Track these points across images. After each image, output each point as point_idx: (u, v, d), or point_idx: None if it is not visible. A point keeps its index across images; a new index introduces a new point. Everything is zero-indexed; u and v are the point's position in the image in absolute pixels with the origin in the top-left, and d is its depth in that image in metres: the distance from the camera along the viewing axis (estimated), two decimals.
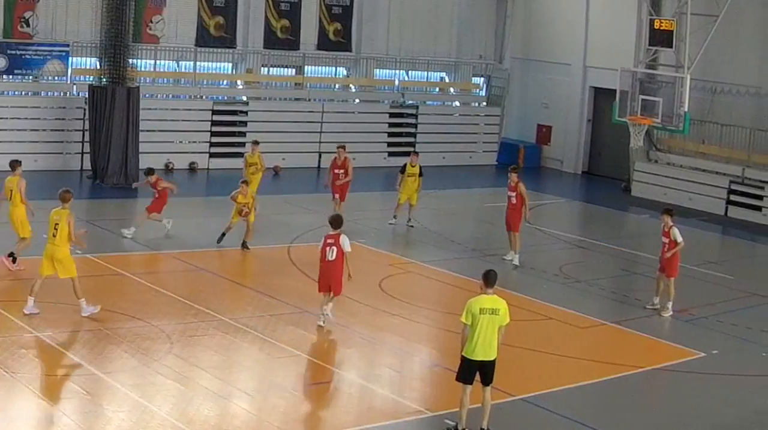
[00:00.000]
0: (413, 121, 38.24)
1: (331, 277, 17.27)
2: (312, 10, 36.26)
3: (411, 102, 38.43)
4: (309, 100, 36.33)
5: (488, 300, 13.04)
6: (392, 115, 38.03)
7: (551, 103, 39.73)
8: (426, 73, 39.53)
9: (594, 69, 37.81)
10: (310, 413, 14.07)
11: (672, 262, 19.94)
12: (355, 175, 26.03)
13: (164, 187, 23.14)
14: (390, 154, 36.91)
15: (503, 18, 40.76)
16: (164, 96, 33.71)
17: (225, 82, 35.90)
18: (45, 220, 19.37)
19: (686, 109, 30.29)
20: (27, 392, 13.62)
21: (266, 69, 35.89)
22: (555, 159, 39.73)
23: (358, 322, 18.00)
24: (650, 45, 31.94)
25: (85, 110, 30.21)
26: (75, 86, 31.59)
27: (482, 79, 40.82)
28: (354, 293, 18.15)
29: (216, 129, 33.85)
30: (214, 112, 33.81)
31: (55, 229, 16.75)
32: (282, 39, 35.63)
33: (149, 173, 23.36)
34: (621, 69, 32.20)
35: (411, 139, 37.83)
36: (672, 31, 30.83)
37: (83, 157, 30.74)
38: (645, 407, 15.07)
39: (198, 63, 34.14)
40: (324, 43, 36.75)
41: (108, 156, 29.11)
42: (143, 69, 32.04)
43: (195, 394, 14.07)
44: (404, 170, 26.12)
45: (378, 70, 38.37)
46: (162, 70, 33.72)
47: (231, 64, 35.44)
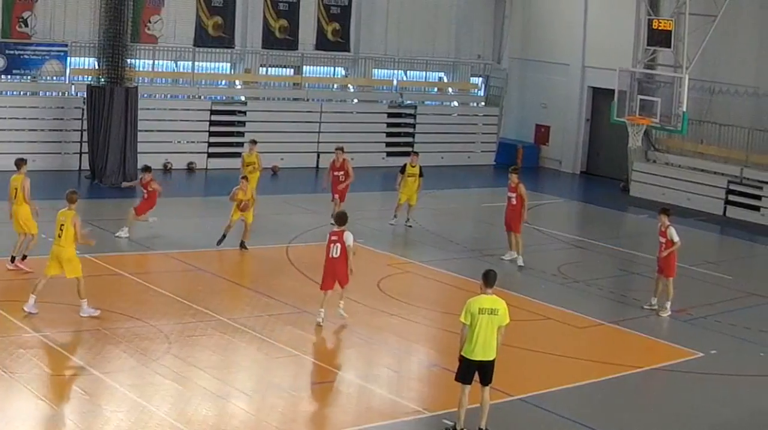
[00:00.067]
0: (412, 121, 38.23)
1: (336, 273, 17.48)
2: (310, 10, 36.25)
3: (409, 102, 38.43)
4: (307, 100, 36.32)
5: (487, 300, 13.04)
6: (390, 115, 38.03)
7: (550, 103, 39.74)
8: (424, 73, 39.55)
9: (592, 69, 37.83)
10: (309, 413, 14.06)
11: (669, 262, 19.95)
12: (353, 175, 25.89)
13: (154, 188, 23.08)
14: (388, 154, 36.91)
15: (501, 18, 40.76)
16: (162, 96, 33.69)
17: (223, 82, 35.89)
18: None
19: (684, 109, 30.30)
20: (25, 392, 13.60)
21: (264, 69, 35.88)
22: (553, 159, 39.74)
23: (357, 322, 17.98)
24: (648, 45, 31.95)
25: (84, 110, 30.20)
26: (73, 86, 31.59)
27: (480, 79, 40.81)
28: (352, 293, 18.14)
29: (214, 129, 33.83)
30: (213, 112, 33.80)
31: (61, 229, 16.83)
32: (280, 39, 35.63)
33: (146, 171, 23.36)
34: (619, 69, 32.20)
35: (409, 139, 37.82)
36: (670, 31, 30.83)
37: (81, 157, 30.72)
38: (643, 407, 15.08)
39: (196, 63, 34.12)
40: (322, 43, 36.75)
41: (106, 156, 29.10)
42: (141, 69, 32.00)
43: (193, 394, 14.07)
44: (404, 170, 26.11)
45: (376, 70, 38.36)
46: (160, 70, 33.70)
47: (229, 64, 35.42)
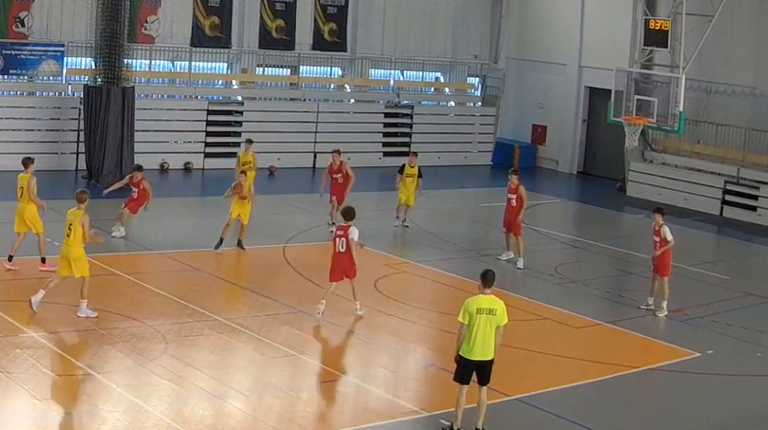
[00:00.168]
0: (408, 121, 38.23)
1: (343, 266, 17.77)
2: (307, 10, 36.25)
3: (406, 102, 38.44)
4: (304, 100, 36.32)
5: (486, 300, 13.04)
6: (387, 115, 38.03)
7: (546, 103, 39.75)
8: (421, 73, 39.55)
9: (589, 69, 37.84)
10: (306, 413, 14.05)
11: (664, 261, 19.95)
12: (354, 175, 25.63)
13: (144, 187, 22.96)
14: (385, 154, 36.92)
15: (498, 18, 40.77)
16: (159, 96, 33.68)
17: (220, 82, 35.88)
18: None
19: (681, 109, 30.35)
20: (22, 393, 13.59)
21: (261, 69, 35.88)
22: (550, 159, 39.76)
23: (354, 322, 17.99)
24: (645, 45, 32.00)
25: (80, 110, 30.20)
26: (70, 86, 31.56)
27: (477, 79, 40.83)
28: (349, 293, 18.14)
29: (211, 129, 33.82)
30: (210, 112, 33.79)
31: (69, 229, 16.87)
32: (277, 39, 35.63)
33: (137, 170, 23.22)
34: (616, 69, 32.25)
35: (406, 139, 37.84)
36: (667, 31, 30.88)
37: (78, 157, 30.72)
38: (640, 407, 15.09)
39: (193, 63, 34.11)
40: (319, 43, 36.75)
41: (103, 156, 29.07)
42: (138, 69, 31.95)
43: (190, 394, 14.06)
44: (402, 171, 26.08)
45: (373, 70, 38.38)
46: (157, 70, 33.69)
47: (226, 64, 35.41)
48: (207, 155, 33.64)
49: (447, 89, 40.67)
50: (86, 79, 30.30)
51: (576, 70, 38.52)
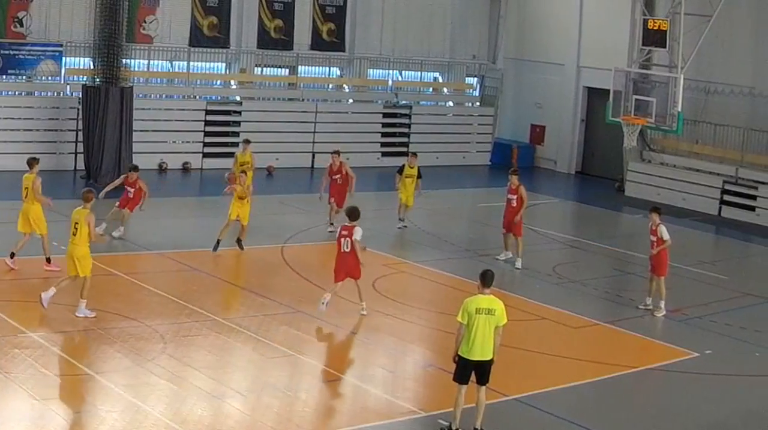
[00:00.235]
0: (407, 121, 38.24)
1: (347, 266, 17.82)
2: (305, 10, 36.24)
3: (404, 102, 38.44)
4: (302, 100, 36.32)
5: (485, 300, 13.04)
6: (386, 115, 38.04)
7: (545, 103, 39.75)
8: (419, 73, 39.52)
9: (587, 69, 37.85)
10: (304, 413, 14.04)
11: (661, 260, 19.95)
12: (354, 174, 25.58)
13: (140, 187, 22.90)
14: (383, 154, 36.93)
15: (496, 18, 40.78)
16: (158, 96, 33.67)
17: (218, 82, 35.87)
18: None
19: (680, 109, 30.32)
20: (20, 392, 13.58)
21: (260, 69, 35.87)
22: (548, 159, 39.76)
23: (352, 322, 17.98)
24: (644, 45, 31.98)
25: (79, 110, 30.20)
26: (68, 86, 31.56)
27: (476, 79, 40.83)
28: (347, 293, 18.14)
29: (209, 129, 33.82)
30: (208, 112, 33.79)
31: (75, 228, 16.89)
32: (275, 39, 35.62)
33: (133, 170, 23.12)
34: (614, 69, 32.23)
35: (404, 139, 37.85)
36: (665, 31, 30.86)
37: (77, 157, 30.71)
38: (638, 407, 15.09)
39: (191, 63, 34.09)
40: (317, 43, 36.75)
41: (101, 156, 29.06)
42: (137, 69, 31.93)
43: (188, 394, 14.05)
44: (402, 171, 26.04)
45: (371, 70, 38.38)
46: (155, 70, 33.69)
47: (224, 64, 35.39)
48: (205, 155, 33.64)
49: (445, 89, 40.67)
50: (85, 79, 30.31)
51: (574, 70, 38.52)
